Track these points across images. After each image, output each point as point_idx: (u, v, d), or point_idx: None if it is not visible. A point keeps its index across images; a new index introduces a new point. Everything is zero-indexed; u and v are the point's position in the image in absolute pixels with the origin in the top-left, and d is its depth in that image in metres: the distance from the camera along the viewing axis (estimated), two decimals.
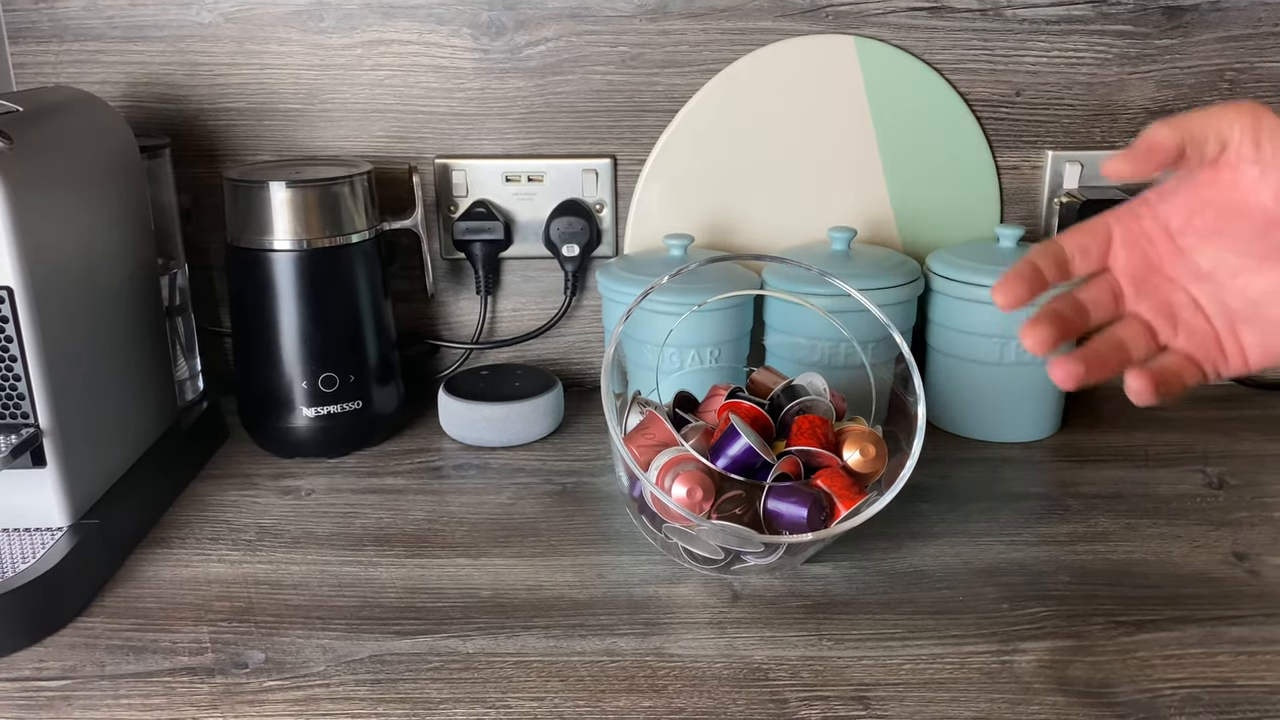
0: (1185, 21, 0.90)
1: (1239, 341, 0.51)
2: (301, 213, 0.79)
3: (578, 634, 0.61)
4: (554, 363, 0.99)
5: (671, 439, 0.65)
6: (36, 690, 0.56)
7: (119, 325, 0.73)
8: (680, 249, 0.86)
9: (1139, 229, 0.52)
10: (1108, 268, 0.52)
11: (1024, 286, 0.50)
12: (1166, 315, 0.52)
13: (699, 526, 0.62)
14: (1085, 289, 0.52)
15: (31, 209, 0.62)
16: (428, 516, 0.75)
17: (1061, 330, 0.50)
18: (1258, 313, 0.50)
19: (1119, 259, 0.52)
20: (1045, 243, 0.52)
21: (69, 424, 0.65)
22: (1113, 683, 0.56)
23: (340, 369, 0.82)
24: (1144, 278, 0.52)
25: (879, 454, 0.65)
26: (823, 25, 0.89)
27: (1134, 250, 0.52)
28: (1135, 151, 0.49)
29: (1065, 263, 0.52)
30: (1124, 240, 0.52)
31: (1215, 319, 0.51)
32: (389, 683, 0.57)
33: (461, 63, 0.90)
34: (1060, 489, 0.79)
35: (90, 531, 0.66)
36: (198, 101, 0.91)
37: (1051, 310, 0.51)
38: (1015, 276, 0.51)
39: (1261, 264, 0.50)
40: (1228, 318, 0.51)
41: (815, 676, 0.57)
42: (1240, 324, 0.51)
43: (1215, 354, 0.51)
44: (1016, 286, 0.50)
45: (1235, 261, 0.50)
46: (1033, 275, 0.51)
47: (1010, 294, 0.51)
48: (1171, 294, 0.52)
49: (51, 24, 0.88)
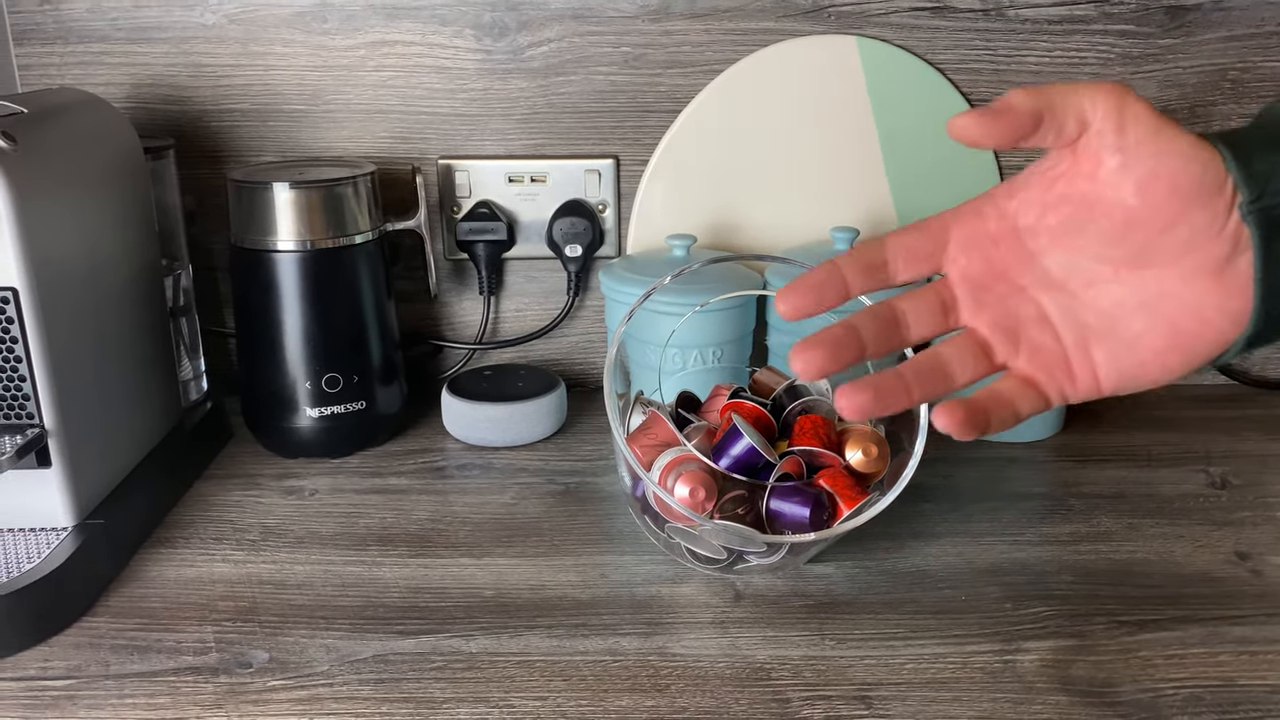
0: (1188, 21, 0.90)
1: (1090, 361, 0.45)
2: (305, 214, 0.79)
3: (580, 634, 0.61)
4: (557, 363, 0.99)
5: (674, 439, 0.65)
6: (42, 690, 0.56)
7: (123, 326, 0.74)
8: (683, 249, 0.86)
9: (982, 229, 0.45)
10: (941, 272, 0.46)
11: (811, 296, 0.44)
12: (1008, 330, 0.45)
13: (701, 526, 0.62)
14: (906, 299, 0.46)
15: (36, 210, 0.62)
16: (431, 516, 0.75)
17: (838, 354, 0.44)
18: (1113, 328, 0.44)
19: (956, 263, 0.45)
20: (864, 243, 0.46)
21: (74, 424, 0.66)
22: (1115, 682, 0.57)
23: (344, 369, 0.82)
24: (986, 285, 0.45)
25: (881, 454, 0.65)
26: (825, 25, 0.89)
27: (975, 254, 0.45)
28: (987, 110, 0.42)
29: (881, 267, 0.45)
30: (963, 242, 0.45)
31: (1064, 335, 0.45)
32: (392, 682, 0.57)
33: (464, 63, 0.90)
34: (1063, 489, 0.79)
35: (95, 531, 0.66)
36: (202, 103, 0.91)
37: (829, 332, 0.44)
38: (804, 283, 0.44)
39: (1119, 271, 0.44)
40: (1079, 333, 0.45)
41: (818, 676, 0.57)
42: (1093, 341, 0.45)
43: (1061, 376, 0.45)
44: (802, 295, 0.44)
45: (1090, 268, 0.44)
46: (826, 281, 0.44)
47: (792, 303, 0.44)
48: (1017, 305, 0.45)
49: (56, 26, 0.88)
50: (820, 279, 0.44)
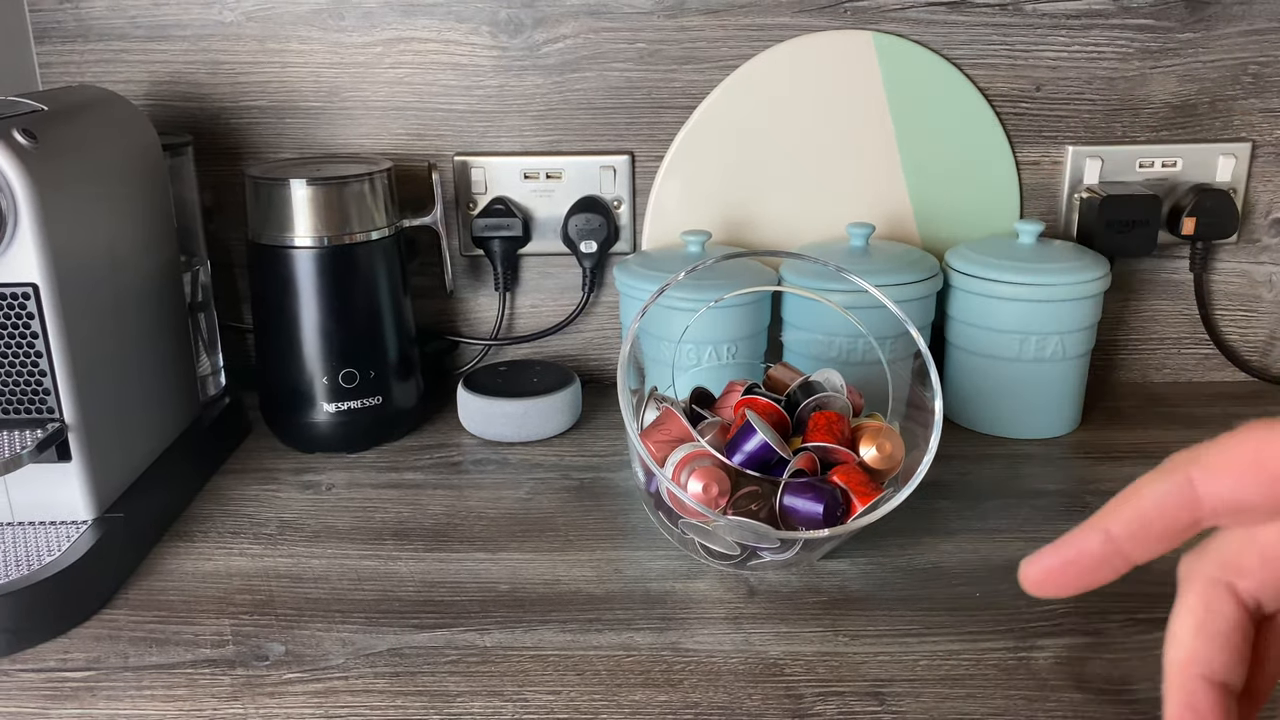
0: (1208, 15, 0.89)
1: None
2: (322, 210, 0.80)
3: (594, 628, 0.61)
4: (572, 358, 0.99)
5: (688, 435, 0.65)
6: (61, 681, 0.57)
7: (142, 321, 0.74)
8: (698, 245, 0.86)
9: None
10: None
11: (1071, 574, 0.34)
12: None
13: (715, 522, 0.62)
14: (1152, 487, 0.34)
15: (57, 207, 0.63)
16: (446, 511, 0.75)
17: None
18: None
19: None
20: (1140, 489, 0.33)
21: (94, 419, 0.66)
22: (1131, 679, 0.56)
23: (360, 365, 0.82)
24: None
25: (895, 450, 0.65)
26: (841, 21, 0.89)
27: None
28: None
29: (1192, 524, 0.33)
30: None
31: None
32: (407, 675, 0.57)
33: (480, 60, 0.90)
34: (1079, 486, 0.78)
35: (114, 525, 0.67)
36: (219, 100, 0.91)
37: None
38: (1065, 554, 0.34)
39: None
40: None
41: (831, 672, 0.57)
42: None
43: None
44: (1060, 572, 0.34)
45: None
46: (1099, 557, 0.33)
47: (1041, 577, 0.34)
48: None
49: (76, 24, 0.89)
50: (1089, 548, 0.33)
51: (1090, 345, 0.86)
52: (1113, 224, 0.89)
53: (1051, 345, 0.83)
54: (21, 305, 0.62)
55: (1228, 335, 0.97)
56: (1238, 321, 0.97)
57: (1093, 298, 0.83)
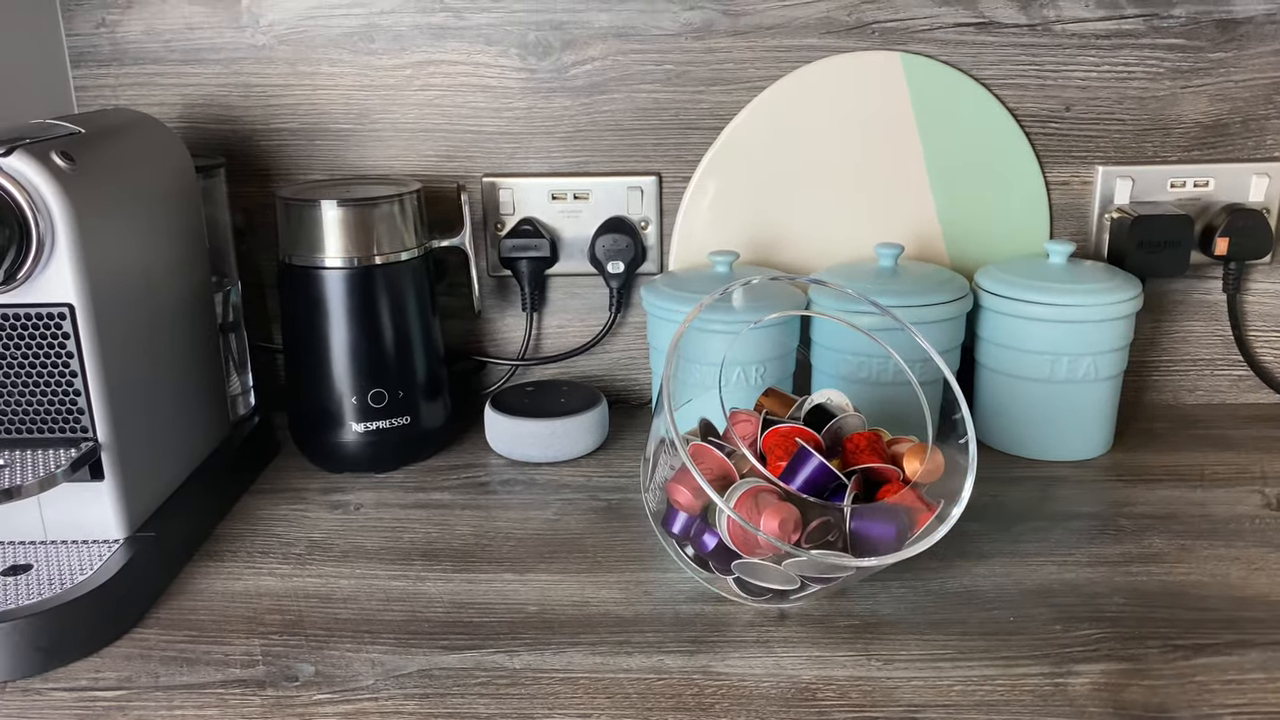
0: (1239, 34, 0.88)
1: None
2: (352, 231, 0.80)
3: (624, 651, 0.61)
4: (599, 379, 0.99)
5: (730, 471, 0.63)
6: (93, 700, 0.57)
7: (175, 342, 0.75)
8: (725, 265, 0.86)
9: None
10: None
11: None
12: None
13: (797, 558, 0.59)
14: None
15: (93, 228, 0.63)
16: (474, 531, 0.75)
17: None
18: None
19: None
20: None
21: (127, 438, 0.67)
22: (1170, 707, 0.55)
23: (389, 385, 0.83)
24: None
25: (935, 464, 0.64)
26: (869, 42, 0.89)
27: None
28: None
29: None
30: None
31: None
32: (436, 697, 0.57)
33: (509, 82, 0.91)
34: (1113, 508, 0.77)
35: (146, 544, 0.67)
36: (251, 122, 0.92)
37: None
38: None
39: None
40: None
41: (864, 697, 0.57)
42: None
43: None
44: None
45: None
46: None
47: None
48: None
49: (112, 48, 0.90)
50: None
51: (1123, 367, 0.85)
52: (1144, 244, 0.88)
53: (1083, 367, 0.82)
54: (57, 325, 0.63)
55: (1262, 357, 0.96)
56: (1272, 343, 0.96)
57: (1125, 318, 0.82)
